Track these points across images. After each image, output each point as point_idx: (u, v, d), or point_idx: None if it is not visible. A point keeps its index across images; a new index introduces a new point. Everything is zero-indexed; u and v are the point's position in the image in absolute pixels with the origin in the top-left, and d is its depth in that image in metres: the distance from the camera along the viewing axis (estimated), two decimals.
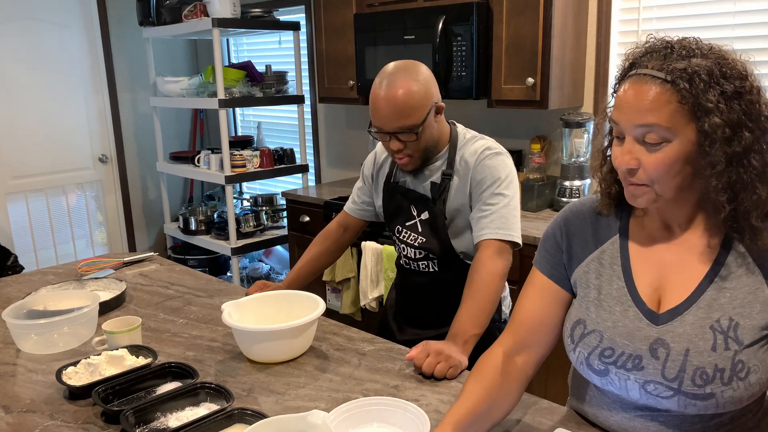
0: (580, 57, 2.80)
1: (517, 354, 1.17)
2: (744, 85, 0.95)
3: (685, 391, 1.01)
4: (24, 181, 4.16)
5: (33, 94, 4.11)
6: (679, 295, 1.05)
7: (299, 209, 3.53)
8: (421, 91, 1.55)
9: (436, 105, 1.61)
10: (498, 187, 1.60)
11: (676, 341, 1.02)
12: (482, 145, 1.65)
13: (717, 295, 1.02)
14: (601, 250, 1.13)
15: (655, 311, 1.06)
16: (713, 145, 0.94)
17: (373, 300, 3.01)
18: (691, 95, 0.93)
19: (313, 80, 4.09)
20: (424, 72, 1.59)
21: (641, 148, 0.98)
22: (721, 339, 1.00)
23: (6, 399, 1.35)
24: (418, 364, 1.40)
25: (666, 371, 1.02)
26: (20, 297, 1.90)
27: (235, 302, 1.57)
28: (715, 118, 0.93)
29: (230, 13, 3.66)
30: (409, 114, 1.54)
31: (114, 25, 4.41)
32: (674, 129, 0.95)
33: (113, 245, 4.65)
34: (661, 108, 0.94)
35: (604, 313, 1.10)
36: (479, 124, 3.28)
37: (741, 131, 0.94)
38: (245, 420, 1.19)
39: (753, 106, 0.95)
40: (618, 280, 1.10)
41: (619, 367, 1.06)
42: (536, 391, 1.93)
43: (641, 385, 1.04)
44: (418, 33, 2.89)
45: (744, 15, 2.44)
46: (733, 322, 1.00)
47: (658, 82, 0.95)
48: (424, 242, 1.72)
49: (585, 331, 1.11)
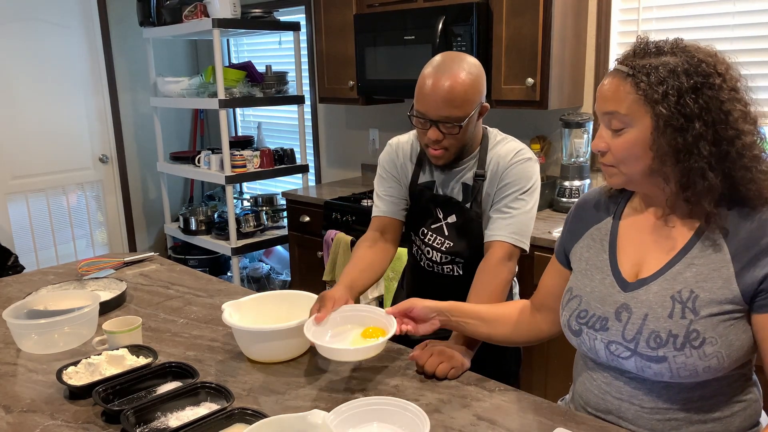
0: (580, 57, 2.80)
1: (537, 310, 1.42)
2: (706, 81, 1.04)
3: (640, 353, 1.11)
4: (24, 181, 4.17)
5: (33, 94, 4.11)
6: (653, 269, 1.16)
7: (299, 209, 3.53)
8: (474, 85, 1.51)
9: (482, 105, 1.58)
10: (523, 192, 1.60)
11: (638, 306, 1.14)
12: (514, 148, 1.63)
13: (684, 270, 1.12)
14: (597, 228, 1.28)
15: (627, 280, 1.18)
16: (663, 132, 1.05)
17: (373, 300, 3.01)
18: (648, 87, 1.05)
19: (313, 80, 4.09)
20: (479, 69, 1.55)
21: (609, 134, 1.12)
22: (678, 308, 1.09)
23: (6, 399, 1.35)
24: (421, 364, 1.40)
25: (626, 332, 1.14)
26: (21, 297, 1.90)
27: (235, 302, 1.57)
28: (662, 109, 1.04)
29: (230, 13, 3.66)
30: (458, 105, 1.50)
31: (114, 25, 4.41)
32: (632, 117, 1.08)
33: (113, 245, 4.65)
34: (621, 98, 1.08)
35: (586, 280, 1.24)
36: None
37: (693, 122, 1.04)
38: (245, 420, 1.19)
39: (712, 101, 1.04)
40: (603, 253, 1.23)
41: (590, 328, 1.19)
42: (536, 391, 1.93)
43: (606, 345, 1.16)
44: (418, 33, 2.89)
45: (744, 15, 2.44)
46: (693, 294, 1.09)
47: (622, 75, 1.09)
48: (451, 246, 1.69)
49: (571, 296, 1.26)
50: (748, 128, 1.05)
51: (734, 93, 1.05)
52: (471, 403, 1.29)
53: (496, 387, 1.36)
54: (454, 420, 1.23)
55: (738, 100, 1.05)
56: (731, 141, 1.04)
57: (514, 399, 1.30)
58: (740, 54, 2.56)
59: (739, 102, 1.05)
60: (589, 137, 2.77)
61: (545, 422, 1.21)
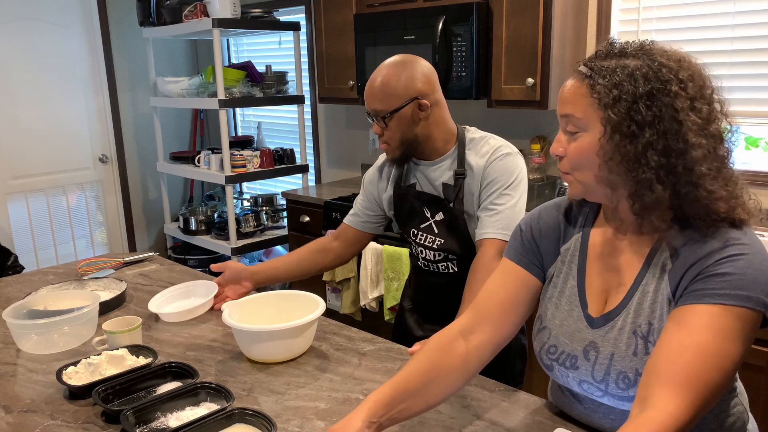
0: (580, 57, 2.79)
1: (472, 333, 1.16)
2: (664, 87, 0.95)
3: (611, 393, 1.06)
4: (24, 181, 4.17)
5: (33, 94, 4.11)
6: (616, 299, 1.07)
7: (299, 209, 3.53)
8: (399, 82, 1.58)
9: (419, 102, 1.59)
10: (507, 187, 1.61)
11: (605, 345, 1.07)
12: (494, 145, 1.66)
13: (642, 299, 1.04)
14: (566, 248, 1.16)
15: (592, 315, 1.09)
16: (610, 138, 0.97)
17: (373, 300, 3.01)
18: (602, 90, 0.98)
19: (313, 80, 4.09)
20: (416, 67, 1.60)
21: (566, 138, 1.05)
22: (641, 344, 1.02)
23: (6, 399, 1.35)
24: None
25: (595, 373, 1.07)
26: (20, 297, 1.90)
27: (235, 302, 1.58)
28: (611, 113, 0.97)
29: (230, 13, 3.66)
30: (380, 99, 1.59)
31: (114, 25, 4.41)
32: (586, 120, 1.01)
33: (113, 245, 4.65)
34: (577, 100, 1.01)
35: (556, 311, 1.15)
36: (479, 124, 3.28)
37: (644, 130, 0.96)
38: (245, 420, 1.19)
39: (667, 109, 0.95)
40: (572, 279, 1.14)
41: (560, 365, 1.12)
42: (536, 391, 1.93)
43: (578, 383, 1.11)
44: (418, 33, 2.89)
45: (744, 15, 2.44)
46: (651, 326, 1.02)
47: (580, 77, 1.02)
48: (442, 243, 1.70)
49: (540, 326, 1.17)
50: (700, 142, 0.95)
51: (693, 102, 0.96)
52: (471, 403, 1.29)
53: (496, 387, 1.36)
54: (454, 420, 1.23)
55: (696, 111, 0.96)
56: (680, 154, 0.95)
57: (514, 399, 1.30)
58: (740, 54, 2.56)
59: (696, 113, 0.96)
60: None
61: (545, 422, 1.21)
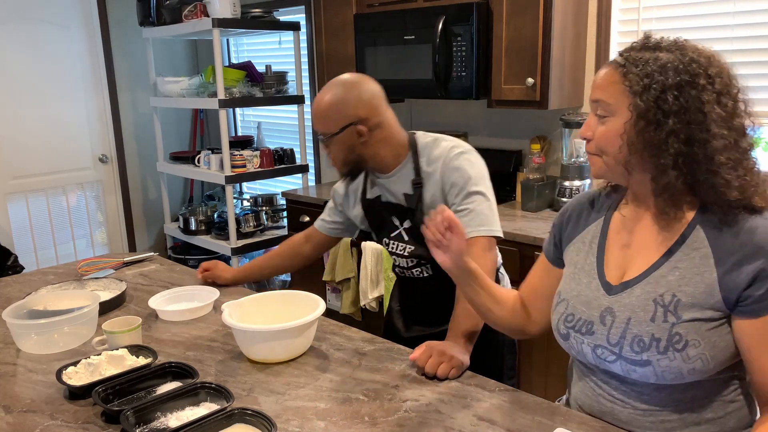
0: (580, 57, 2.80)
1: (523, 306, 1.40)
2: (692, 80, 1.04)
3: (624, 356, 1.12)
4: (24, 181, 4.17)
5: (33, 94, 4.11)
6: (637, 271, 1.15)
7: (299, 209, 3.53)
8: (337, 107, 1.59)
9: (356, 128, 1.59)
10: (470, 186, 1.60)
11: (621, 310, 1.14)
12: (447, 147, 1.65)
13: (667, 273, 1.11)
14: (587, 231, 1.27)
15: (611, 283, 1.18)
16: (635, 124, 1.07)
17: (373, 300, 3.02)
18: (634, 78, 1.06)
19: (313, 80, 4.09)
20: (356, 92, 1.60)
21: (596, 121, 1.14)
22: (661, 311, 1.09)
23: (6, 399, 1.35)
24: (421, 365, 1.40)
25: (610, 337, 1.14)
26: (20, 297, 1.90)
27: (235, 302, 1.57)
28: (639, 101, 1.05)
29: (230, 13, 3.66)
30: (321, 122, 1.62)
31: (114, 25, 4.41)
32: (615, 105, 1.09)
33: (113, 245, 4.65)
34: (608, 86, 1.11)
35: (574, 283, 1.24)
36: (479, 124, 3.28)
37: (668, 119, 1.04)
38: (245, 420, 1.19)
39: (693, 101, 1.03)
40: (591, 256, 1.24)
41: (577, 332, 1.20)
42: (536, 391, 1.93)
43: (592, 349, 1.17)
44: (418, 33, 2.89)
45: (744, 15, 2.44)
46: (675, 299, 1.09)
47: (615, 65, 1.11)
48: (413, 250, 1.72)
49: (559, 300, 1.26)
50: (722, 133, 1.04)
51: (719, 97, 1.04)
52: (471, 403, 1.29)
53: (496, 387, 1.36)
54: (454, 420, 1.23)
55: (722, 105, 1.04)
56: (702, 143, 1.04)
57: (514, 399, 1.30)
58: (740, 54, 2.56)
59: (722, 107, 1.04)
60: None
61: (545, 422, 1.21)
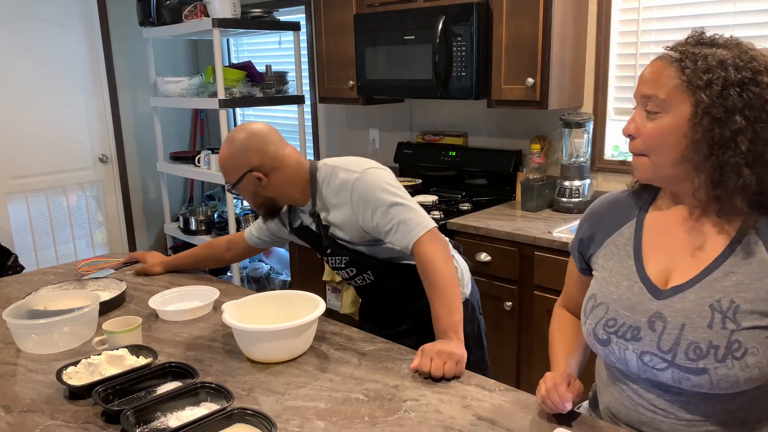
0: (580, 57, 2.80)
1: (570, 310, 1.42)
2: (754, 78, 1.01)
3: (678, 364, 1.06)
4: (24, 181, 4.16)
5: (33, 94, 4.11)
6: (686, 275, 1.10)
7: None
8: (232, 160, 1.71)
9: (253, 174, 1.68)
10: (383, 201, 1.61)
11: (674, 315, 1.08)
12: (343, 179, 1.66)
13: (722, 278, 1.06)
14: (619, 233, 1.22)
15: (658, 287, 1.12)
16: (700, 121, 1.02)
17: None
18: (693, 73, 1.02)
19: (313, 80, 4.09)
20: (245, 143, 1.69)
21: (643, 117, 1.09)
22: (718, 318, 1.04)
23: (6, 399, 1.35)
24: (425, 370, 1.39)
25: (661, 343, 1.08)
26: (20, 297, 1.90)
27: (235, 302, 1.57)
28: (703, 96, 1.01)
29: (230, 13, 3.66)
30: (224, 173, 1.75)
31: (114, 25, 4.41)
32: (670, 102, 1.05)
33: (113, 245, 4.65)
34: (662, 81, 1.05)
35: (612, 287, 1.18)
36: (479, 124, 3.28)
37: (734, 116, 1.01)
38: (245, 420, 1.19)
39: (756, 98, 1.01)
40: (628, 260, 1.18)
41: (620, 337, 1.13)
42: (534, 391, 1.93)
43: (638, 356, 1.10)
44: (418, 33, 2.89)
45: (744, 15, 2.44)
46: (734, 305, 1.04)
47: (669, 59, 1.06)
48: (348, 261, 1.76)
49: (595, 304, 1.19)
50: None
51: None
52: (471, 403, 1.29)
53: (496, 387, 1.36)
54: (454, 420, 1.23)
55: None
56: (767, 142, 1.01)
57: (514, 399, 1.31)
58: None
59: None
60: (589, 137, 2.77)
61: (545, 422, 1.21)
